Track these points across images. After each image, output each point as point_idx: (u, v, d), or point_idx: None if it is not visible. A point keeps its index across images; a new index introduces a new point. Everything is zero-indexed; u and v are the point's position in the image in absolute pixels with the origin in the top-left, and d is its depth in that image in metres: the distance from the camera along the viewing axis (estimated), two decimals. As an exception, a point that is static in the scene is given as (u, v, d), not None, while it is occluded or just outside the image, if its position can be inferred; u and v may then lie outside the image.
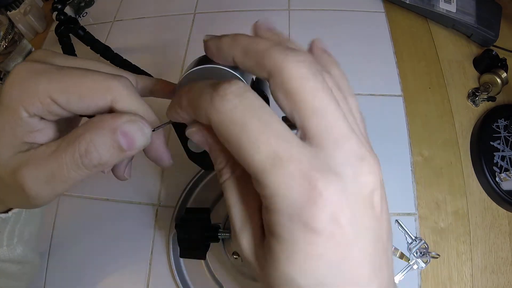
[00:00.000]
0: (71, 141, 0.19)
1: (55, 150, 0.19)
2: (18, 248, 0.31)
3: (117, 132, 0.18)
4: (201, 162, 0.27)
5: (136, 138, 0.19)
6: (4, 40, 0.55)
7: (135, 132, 0.19)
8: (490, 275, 0.45)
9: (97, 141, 0.18)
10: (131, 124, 0.19)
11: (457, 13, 0.59)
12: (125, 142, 0.19)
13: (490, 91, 0.54)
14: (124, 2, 0.71)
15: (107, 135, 0.18)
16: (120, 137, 0.19)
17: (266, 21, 0.21)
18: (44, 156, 0.19)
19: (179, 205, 0.48)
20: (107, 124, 0.19)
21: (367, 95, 0.56)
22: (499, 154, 0.50)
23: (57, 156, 0.19)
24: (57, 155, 0.19)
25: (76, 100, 0.19)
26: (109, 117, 0.19)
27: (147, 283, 0.46)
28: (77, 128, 0.19)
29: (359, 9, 0.65)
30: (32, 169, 0.19)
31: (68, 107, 0.19)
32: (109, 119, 0.19)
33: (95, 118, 0.19)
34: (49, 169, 0.19)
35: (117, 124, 0.19)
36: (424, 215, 0.48)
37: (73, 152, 0.18)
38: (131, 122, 0.19)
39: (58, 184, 0.19)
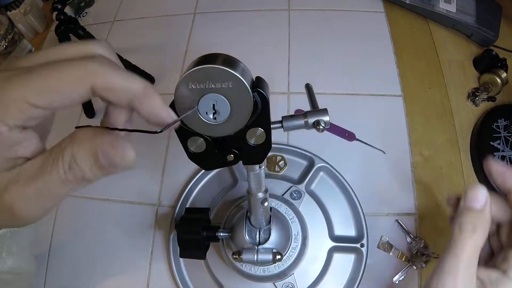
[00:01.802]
0: (56, 157, 0.18)
1: (41, 166, 0.18)
2: (8, 260, 0.31)
3: (97, 153, 0.18)
4: (201, 162, 0.27)
5: (117, 160, 0.19)
6: (4, 40, 0.55)
7: (115, 155, 0.19)
8: (490, 275, 0.45)
9: (79, 158, 0.18)
10: (110, 147, 0.18)
11: (457, 13, 0.59)
12: (105, 162, 0.18)
13: (490, 91, 0.54)
14: (124, 2, 0.71)
15: (88, 151, 0.18)
16: (101, 156, 0.18)
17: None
18: (31, 175, 0.18)
19: (179, 205, 0.48)
20: (87, 143, 0.18)
21: (367, 95, 0.56)
22: (499, 154, 0.50)
23: (44, 173, 0.18)
24: (43, 172, 0.18)
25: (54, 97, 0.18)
26: (90, 135, 0.19)
27: (147, 283, 0.46)
28: (62, 140, 0.19)
29: (359, 9, 0.65)
30: (20, 189, 0.18)
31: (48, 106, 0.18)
32: (89, 137, 0.18)
33: (77, 133, 0.19)
34: (38, 188, 0.18)
35: (96, 145, 0.18)
36: (424, 215, 0.48)
37: (58, 168, 0.18)
38: (109, 145, 0.18)
39: (47, 201, 0.19)
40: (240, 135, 0.25)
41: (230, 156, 0.26)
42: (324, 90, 0.56)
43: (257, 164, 0.28)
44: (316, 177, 0.49)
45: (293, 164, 0.51)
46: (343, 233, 0.46)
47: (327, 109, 0.27)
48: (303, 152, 0.50)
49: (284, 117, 0.27)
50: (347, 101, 0.56)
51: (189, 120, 0.23)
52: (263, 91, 0.23)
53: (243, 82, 0.21)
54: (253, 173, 0.30)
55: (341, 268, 0.45)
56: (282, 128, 0.27)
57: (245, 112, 0.23)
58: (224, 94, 0.22)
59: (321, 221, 0.46)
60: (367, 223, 0.46)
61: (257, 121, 0.24)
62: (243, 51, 0.61)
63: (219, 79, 0.21)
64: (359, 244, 0.44)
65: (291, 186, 0.47)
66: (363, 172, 0.50)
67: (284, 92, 0.57)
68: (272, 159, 0.51)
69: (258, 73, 0.24)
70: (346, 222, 0.47)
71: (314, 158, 0.49)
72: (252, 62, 0.29)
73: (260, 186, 0.31)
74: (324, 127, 0.26)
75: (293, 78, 0.58)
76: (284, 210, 0.44)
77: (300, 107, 0.55)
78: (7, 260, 0.31)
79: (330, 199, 0.48)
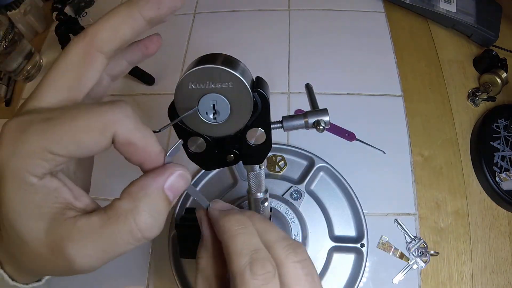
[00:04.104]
0: (121, 219, 0.18)
1: (102, 227, 0.18)
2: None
3: (165, 190, 0.19)
4: (201, 162, 0.27)
5: (181, 186, 0.20)
6: (4, 40, 0.55)
7: (179, 182, 0.19)
8: (490, 275, 0.45)
9: (152, 209, 0.18)
10: (174, 177, 0.19)
11: (457, 13, 0.59)
12: (172, 194, 0.19)
13: (490, 91, 0.54)
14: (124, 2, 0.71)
15: (157, 197, 0.19)
16: (168, 193, 0.19)
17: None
18: (91, 233, 0.18)
19: (179, 205, 0.48)
20: (153, 188, 0.19)
21: (367, 95, 0.56)
22: (499, 154, 0.50)
23: (109, 235, 0.18)
24: (108, 234, 0.18)
25: (75, 147, 0.17)
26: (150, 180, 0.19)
27: (147, 283, 0.46)
28: (119, 201, 0.19)
29: (359, 9, 0.65)
30: (80, 246, 0.18)
31: (70, 155, 0.17)
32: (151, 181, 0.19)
33: (134, 188, 0.19)
34: (100, 247, 0.18)
35: (162, 183, 0.19)
36: (424, 215, 0.48)
37: (131, 229, 0.18)
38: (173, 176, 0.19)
39: (111, 257, 0.19)
40: (240, 135, 0.25)
41: (230, 156, 0.26)
42: (324, 90, 0.56)
43: (257, 164, 0.28)
44: (316, 177, 0.49)
45: (293, 164, 0.51)
46: (343, 233, 0.46)
47: (327, 109, 0.27)
48: (303, 152, 0.50)
49: (284, 117, 0.27)
50: (347, 101, 0.56)
51: (189, 120, 0.23)
52: (263, 91, 0.23)
53: (243, 82, 0.21)
54: (253, 173, 0.30)
55: (341, 268, 0.45)
56: (282, 128, 0.27)
57: (245, 112, 0.23)
58: (224, 94, 0.22)
59: (321, 221, 0.46)
60: (367, 223, 0.46)
61: (257, 121, 0.24)
62: (243, 51, 0.61)
63: (219, 79, 0.21)
64: (359, 244, 0.44)
65: (291, 186, 0.47)
66: (363, 172, 0.50)
67: (284, 92, 0.57)
68: (272, 159, 0.51)
69: (258, 73, 0.24)
70: (346, 222, 0.47)
71: (314, 158, 0.49)
72: (252, 62, 0.29)
73: (260, 186, 0.31)
74: (324, 127, 0.26)
75: (293, 78, 0.58)
76: (284, 210, 0.44)
77: (300, 107, 0.55)
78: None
79: (330, 199, 0.48)
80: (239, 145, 0.26)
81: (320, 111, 0.27)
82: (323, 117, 0.26)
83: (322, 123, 0.26)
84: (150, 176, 0.19)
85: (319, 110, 0.27)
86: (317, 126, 0.26)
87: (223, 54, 0.22)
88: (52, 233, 0.18)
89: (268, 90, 0.23)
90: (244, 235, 0.21)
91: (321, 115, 0.27)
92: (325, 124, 0.26)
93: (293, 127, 0.27)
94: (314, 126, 0.26)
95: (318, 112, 0.27)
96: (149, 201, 0.18)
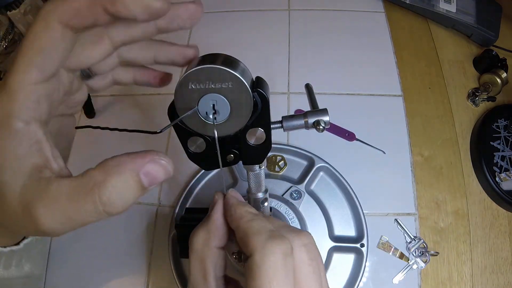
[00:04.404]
0: (89, 188, 0.18)
1: (71, 194, 0.18)
2: (25, 266, 0.31)
3: (139, 174, 0.18)
4: (201, 162, 0.27)
5: (158, 176, 0.19)
6: (4, 40, 0.55)
7: (158, 171, 0.19)
8: (490, 275, 0.45)
9: (120, 188, 0.18)
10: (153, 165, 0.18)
11: (457, 13, 0.59)
12: (147, 181, 0.18)
13: (490, 91, 0.54)
14: None
15: (129, 179, 0.18)
16: (143, 177, 0.18)
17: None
18: (60, 198, 0.18)
19: (179, 205, 0.48)
20: (127, 168, 0.18)
21: (367, 95, 0.56)
22: (499, 154, 0.50)
23: (76, 202, 0.18)
24: (75, 201, 0.18)
25: (46, 57, 0.18)
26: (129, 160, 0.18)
27: (147, 283, 0.46)
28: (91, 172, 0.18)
29: (359, 9, 0.65)
30: (48, 208, 0.18)
31: (47, 70, 0.18)
32: (129, 161, 0.18)
33: (112, 162, 0.18)
34: (67, 213, 0.18)
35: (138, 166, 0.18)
36: (424, 215, 0.48)
37: (94, 201, 0.18)
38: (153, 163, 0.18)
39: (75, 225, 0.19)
40: (240, 135, 0.25)
41: (230, 156, 0.26)
42: (324, 90, 0.56)
43: (257, 164, 0.28)
44: (316, 177, 0.49)
45: (293, 164, 0.51)
46: (343, 233, 0.46)
47: (327, 109, 0.27)
48: (303, 152, 0.50)
49: (284, 117, 0.27)
50: (347, 101, 0.56)
51: (189, 120, 0.23)
52: (263, 91, 0.23)
53: (243, 82, 0.21)
54: (253, 173, 0.30)
55: (341, 268, 0.45)
56: (282, 128, 0.27)
57: (245, 112, 0.23)
58: (224, 94, 0.22)
59: (321, 221, 0.46)
60: (367, 223, 0.46)
61: (257, 121, 0.24)
62: (243, 51, 0.61)
63: (219, 79, 0.21)
64: (359, 244, 0.44)
65: (291, 186, 0.47)
66: (363, 172, 0.50)
67: (284, 92, 0.57)
68: (272, 159, 0.51)
69: (258, 73, 0.24)
70: (346, 222, 0.47)
71: (314, 158, 0.49)
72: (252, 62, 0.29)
73: (260, 186, 0.31)
74: (324, 127, 0.26)
75: (293, 78, 0.58)
76: (284, 210, 0.44)
77: (300, 107, 0.55)
78: (25, 266, 0.31)
79: (330, 199, 0.48)
80: (239, 145, 0.26)
81: (320, 111, 0.27)
82: (323, 117, 0.26)
83: (322, 123, 0.26)
84: (130, 156, 0.18)
85: (319, 110, 0.27)
86: (317, 126, 0.26)
87: (223, 54, 0.22)
88: (25, 190, 0.18)
89: (268, 90, 0.23)
90: (260, 220, 0.22)
91: (321, 115, 0.27)
92: (325, 124, 0.26)
93: (293, 127, 0.27)
94: (314, 126, 0.26)
95: (318, 112, 0.27)
96: (119, 179, 0.18)
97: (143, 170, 0.18)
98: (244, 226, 0.22)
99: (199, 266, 0.23)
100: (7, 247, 0.27)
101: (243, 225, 0.22)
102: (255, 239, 0.21)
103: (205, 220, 0.25)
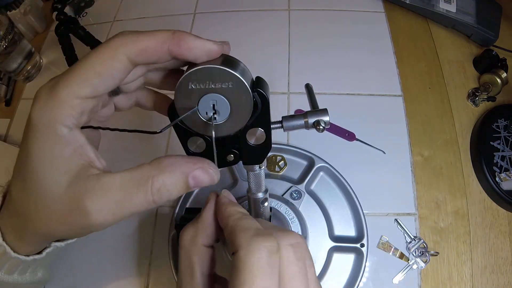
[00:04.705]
0: (142, 180, 0.20)
1: (124, 184, 0.20)
2: (39, 272, 0.31)
3: (188, 177, 0.21)
4: (201, 162, 0.27)
5: (204, 181, 0.22)
6: (4, 40, 0.55)
7: (204, 177, 0.22)
8: (490, 275, 0.45)
9: (169, 184, 0.21)
10: (201, 172, 0.22)
11: (457, 13, 0.59)
12: (193, 183, 0.22)
13: (490, 91, 0.54)
14: (124, 2, 0.71)
15: (179, 178, 0.21)
16: (190, 180, 0.21)
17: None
18: (112, 189, 0.20)
19: (179, 205, 0.48)
20: (179, 169, 0.21)
21: (367, 95, 0.56)
22: (499, 154, 0.50)
23: (128, 192, 0.20)
24: (128, 191, 0.20)
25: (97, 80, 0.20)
26: (182, 162, 0.21)
27: (146, 283, 0.46)
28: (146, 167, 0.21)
29: (359, 9, 0.65)
30: (100, 200, 0.20)
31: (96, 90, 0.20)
32: (182, 164, 0.21)
33: (167, 161, 0.21)
34: (118, 202, 0.20)
35: (189, 171, 0.21)
36: (424, 215, 0.48)
37: (146, 191, 0.20)
38: (201, 170, 0.22)
39: (124, 215, 0.21)
40: (240, 135, 0.25)
41: (230, 156, 0.26)
42: (324, 90, 0.56)
43: (257, 164, 0.28)
44: (316, 177, 0.49)
45: (293, 164, 0.51)
46: (343, 233, 0.46)
47: (327, 109, 0.27)
48: (303, 152, 0.50)
49: (284, 117, 0.27)
50: (347, 101, 0.56)
51: (189, 120, 0.23)
52: (263, 91, 0.23)
53: (243, 82, 0.21)
54: (253, 173, 0.30)
55: (341, 268, 0.45)
56: (282, 128, 0.27)
57: (245, 112, 0.23)
58: (224, 94, 0.22)
59: (321, 221, 0.46)
60: (367, 223, 0.46)
61: (257, 121, 0.24)
62: (243, 51, 0.61)
63: (219, 79, 0.21)
64: (359, 244, 0.44)
65: (291, 186, 0.47)
66: (363, 172, 0.50)
67: (284, 92, 0.57)
68: (272, 159, 0.51)
69: (258, 73, 0.24)
70: (346, 222, 0.47)
71: (314, 158, 0.49)
72: (252, 62, 0.29)
73: (260, 186, 0.31)
74: (324, 127, 0.26)
75: (293, 78, 0.58)
76: (284, 210, 0.44)
77: (300, 107, 0.55)
78: (38, 272, 0.31)
79: (330, 199, 0.48)
80: (239, 145, 0.26)
81: (320, 111, 0.27)
82: (323, 117, 0.26)
83: (322, 123, 0.26)
84: (184, 159, 0.22)
85: (319, 110, 0.27)
86: (317, 126, 0.26)
87: (223, 54, 0.22)
88: (73, 188, 0.20)
89: (268, 90, 0.23)
90: (248, 219, 0.23)
91: (321, 115, 0.27)
92: (325, 124, 0.26)
93: (293, 127, 0.27)
94: (314, 126, 0.26)
95: (318, 112, 0.27)
96: (170, 177, 0.21)
97: (192, 174, 0.21)
98: (232, 224, 0.22)
99: (186, 262, 0.23)
100: (30, 256, 0.27)
101: (231, 223, 0.22)
102: (241, 236, 0.21)
103: (195, 218, 0.26)
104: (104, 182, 0.20)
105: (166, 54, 0.20)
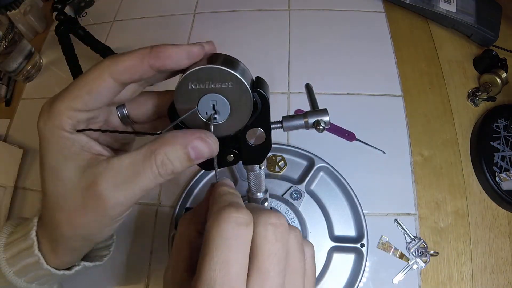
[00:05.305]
0: (147, 155, 0.22)
1: (131, 163, 0.22)
2: (55, 285, 0.33)
3: (188, 147, 0.22)
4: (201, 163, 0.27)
5: (204, 151, 0.22)
6: (4, 40, 0.55)
7: (203, 146, 0.22)
8: (490, 275, 0.45)
9: (171, 156, 0.22)
10: (200, 142, 0.22)
11: (457, 13, 0.59)
12: (194, 154, 0.22)
13: (490, 91, 0.54)
14: (124, 2, 0.71)
15: (179, 150, 0.22)
16: (190, 151, 0.22)
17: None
18: (122, 168, 0.22)
19: (179, 205, 0.48)
20: (179, 141, 0.22)
21: (367, 95, 0.56)
22: (499, 154, 0.50)
23: (136, 170, 0.22)
24: (135, 166, 0.22)
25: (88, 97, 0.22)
26: (181, 135, 0.22)
27: (146, 283, 0.46)
28: (150, 144, 0.22)
29: (359, 9, 0.65)
30: (112, 180, 0.22)
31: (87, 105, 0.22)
32: (180, 136, 0.22)
33: (168, 134, 0.22)
34: (128, 178, 0.22)
35: (188, 141, 0.22)
36: (424, 215, 0.48)
37: (151, 165, 0.22)
38: (200, 140, 0.22)
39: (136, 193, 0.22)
40: (240, 135, 0.25)
41: (230, 156, 0.26)
42: (324, 90, 0.56)
43: (257, 164, 0.28)
44: (316, 177, 0.49)
45: (293, 164, 0.51)
46: (343, 233, 0.46)
47: (327, 109, 0.27)
48: (303, 152, 0.50)
49: (284, 117, 0.27)
50: (347, 101, 0.56)
51: (189, 120, 0.23)
52: (263, 91, 0.23)
53: (243, 82, 0.21)
54: (253, 173, 0.30)
55: (341, 268, 0.45)
56: (282, 128, 0.27)
57: (245, 112, 0.23)
58: (224, 94, 0.22)
59: (321, 221, 0.46)
60: (367, 223, 0.46)
61: (257, 121, 0.24)
62: (243, 51, 0.61)
63: (219, 79, 0.21)
64: (359, 244, 0.44)
65: (291, 186, 0.47)
66: (363, 172, 0.50)
67: (284, 92, 0.57)
68: (272, 159, 0.51)
69: (258, 73, 0.24)
70: (346, 222, 0.47)
71: (314, 158, 0.49)
72: (252, 62, 0.29)
73: (260, 186, 0.31)
74: (324, 127, 0.26)
75: (293, 78, 0.58)
76: (284, 210, 0.44)
77: (300, 107, 0.55)
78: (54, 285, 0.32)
79: (330, 199, 0.48)
80: (239, 145, 0.26)
81: (320, 111, 0.27)
82: (323, 117, 0.26)
83: (322, 123, 0.26)
84: (184, 132, 0.22)
85: (319, 110, 0.27)
86: (317, 126, 0.26)
87: (223, 54, 0.22)
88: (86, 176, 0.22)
89: (268, 90, 0.23)
90: (230, 195, 0.23)
91: (321, 115, 0.27)
92: (325, 124, 0.26)
93: (293, 127, 0.27)
94: (314, 126, 0.26)
95: (318, 112, 0.27)
96: (171, 149, 0.22)
97: (192, 145, 0.22)
98: (213, 199, 0.23)
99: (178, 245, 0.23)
100: (60, 270, 0.29)
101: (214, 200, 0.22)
102: (213, 207, 0.21)
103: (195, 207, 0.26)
104: (113, 163, 0.22)
105: (148, 69, 0.22)
